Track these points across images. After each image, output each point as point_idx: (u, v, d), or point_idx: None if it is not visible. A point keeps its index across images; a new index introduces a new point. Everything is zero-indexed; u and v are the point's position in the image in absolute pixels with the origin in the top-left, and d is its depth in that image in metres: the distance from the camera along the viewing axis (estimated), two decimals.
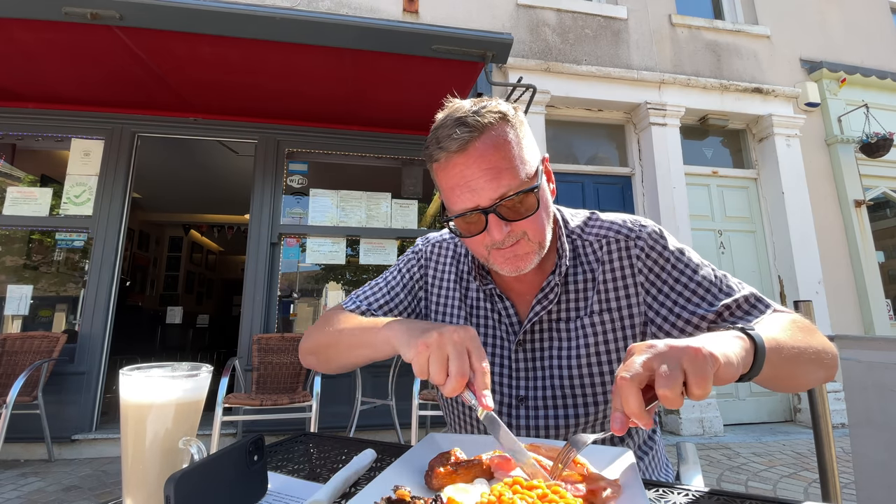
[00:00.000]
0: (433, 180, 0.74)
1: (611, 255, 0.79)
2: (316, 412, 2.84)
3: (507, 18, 4.53)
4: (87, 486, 2.61)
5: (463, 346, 0.57)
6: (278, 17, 2.71)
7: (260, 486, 0.51)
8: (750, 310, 0.71)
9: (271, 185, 3.91)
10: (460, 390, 0.55)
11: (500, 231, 0.67)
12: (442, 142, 0.68)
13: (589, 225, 0.84)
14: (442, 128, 0.69)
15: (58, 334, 3.23)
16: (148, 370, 0.49)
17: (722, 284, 0.74)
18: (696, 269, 0.75)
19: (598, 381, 0.76)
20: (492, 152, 0.66)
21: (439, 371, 0.56)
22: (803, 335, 0.63)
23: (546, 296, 0.78)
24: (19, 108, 3.65)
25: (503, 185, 0.66)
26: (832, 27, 5.49)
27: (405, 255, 0.97)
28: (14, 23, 2.63)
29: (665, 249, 0.77)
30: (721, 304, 0.71)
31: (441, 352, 0.56)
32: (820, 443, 1.45)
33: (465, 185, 0.67)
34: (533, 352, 0.80)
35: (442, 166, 0.69)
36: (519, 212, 0.68)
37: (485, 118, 0.67)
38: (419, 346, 0.58)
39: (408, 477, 0.52)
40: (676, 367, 0.44)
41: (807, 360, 0.61)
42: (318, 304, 4.06)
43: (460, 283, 0.89)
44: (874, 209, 5.09)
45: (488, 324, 0.84)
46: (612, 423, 0.46)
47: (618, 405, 0.45)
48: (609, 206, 4.57)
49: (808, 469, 2.93)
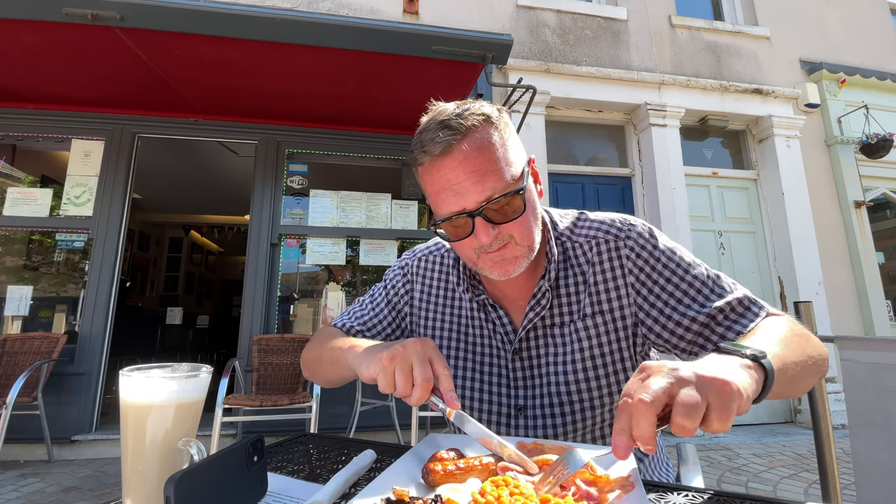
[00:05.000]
0: (419, 185, 0.73)
1: (601, 255, 0.78)
2: (316, 413, 2.84)
3: (507, 19, 4.54)
4: (87, 487, 2.60)
5: (425, 356, 0.59)
6: (279, 17, 2.72)
7: (260, 486, 0.51)
8: (744, 312, 0.69)
9: (271, 185, 3.91)
10: (427, 397, 0.58)
11: (487, 234, 0.66)
12: (426, 145, 0.67)
13: (578, 226, 0.82)
14: (425, 131, 0.68)
15: (58, 335, 3.23)
16: (148, 371, 0.49)
17: (714, 285, 0.72)
18: (688, 268, 0.74)
19: (595, 386, 0.75)
20: (476, 155, 0.66)
21: (405, 381, 0.58)
22: (801, 345, 0.61)
23: (538, 301, 0.77)
24: (20, 109, 3.65)
25: (488, 188, 0.65)
26: (832, 28, 5.50)
27: (392, 269, 0.96)
28: (15, 23, 2.63)
29: (655, 249, 0.75)
30: (714, 307, 0.69)
31: (405, 362, 0.58)
32: (820, 444, 1.44)
33: (451, 189, 0.66)
34: (530, 359, 0.79)
35: (427, 170, 0.69)
36: (506, 214, 0.67)
37: (468, 121, 0.66)
38: (383, 361, 0.60)
39: (407, 477, 0.52)
40: (701, 398, 0.41)
41: (807, 373, 0.60)
42: (318, 305, 4.06)
43: (450, 296, 0.87)
44: (874, 210, 5.09)
45: (483, 334, 0.82)
46: (616, 447, 0.42)
47: (624, 426, 0.42)
48: (609, 207, 4.57)
49: (808, 470, 2.93)
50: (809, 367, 0.61)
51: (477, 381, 0.81)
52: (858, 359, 1.33)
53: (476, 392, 0.81)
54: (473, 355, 0.83)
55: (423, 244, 0.96)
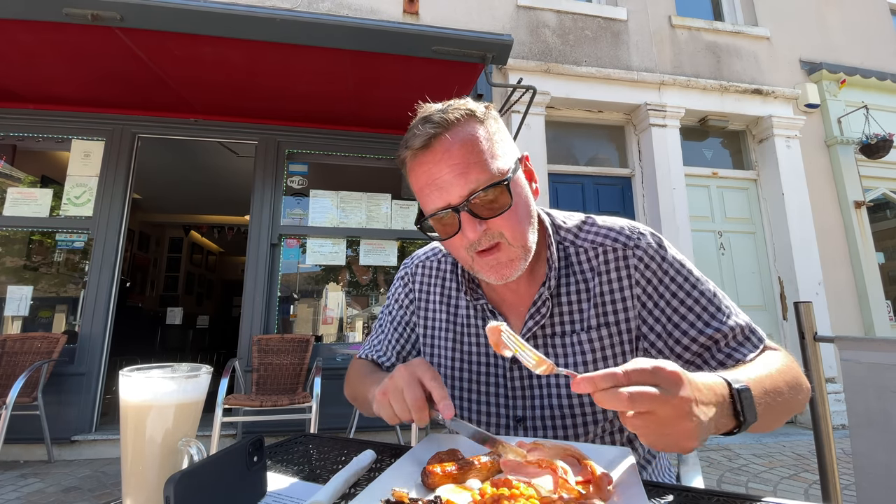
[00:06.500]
0: (409, 186, 0.72)
1: (607, 264, 0.75)
2: (316, 413, 2.84)
3: (508, 20, 4.54)
4: (87, 487, 2.60)
5: (412, 378, 0.61)
6: (279, 18, 2.72)
7: (259, 487, 0.51)
8: (743, 342, 0.69)
9: (271, 185, 3.91)
10: (426, 415, 0.60)
11: (474, 230, 0.64)
12: (408, 141, 0.67)
13: (583, 230, 0.79)
14: (410, 129, 0.68)
15: (58, 335, 3.23)
16: (148, 371, 0.49)
17: (720, 304, 0.71)
18: (695, 284, 0.72)
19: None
20: (458, 147, 0.64)
21: (402, 409, 0.61)
22: (789, 392, 0.61)
23: (538, 309, 0.75)
24: (20, 109, 3.65)
25: (472, 181, 0.63)
26: (832, 28, 5.50)
27: (395, 282, 0.94)
28: (15, 24, 2.64)
29: (664, 261, 0.73)
30: (717, 330, 0.68)
31: (396, 392, 0.61)
32: (820, 444, 1.45)
33: (433, 184, 0.65)
34: (528, 369, 0.78)
35: (410, 166, 0.68)
36: (492, 208, 0.65)
37: (451, 115, 0.66)
38: (378, 397, 0.63)
39: (407, 478, 0.52)
40: (658, 439, 0.45)
41: (782, 415, 0.61)
42: (318, 305, 4.06)
43: (447, 301, 0.85)
44: (874, 210, 5.09)
45: (481, 342, 0.80)
46: (579, 382, 0.44)
47: (601, 383, 0.44)
48: (609, 207, 4.57)
49: (808, 470, 2.93)
50: (787, 411, 0.61)
51: (475, 392, 0.79)
52: (858, 359, 1.33)
53: (474, 403, 0.79)
54: (471, 364, 0.80)
55: (422, 249, 0.94)
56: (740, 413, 0.50)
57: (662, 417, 0.43)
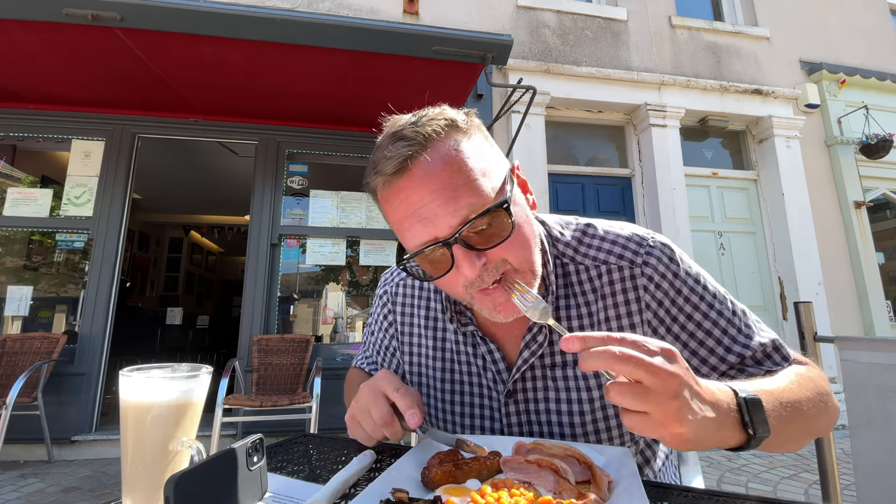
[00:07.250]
0: (382, 216, 0.61)
1: (612, 286, 0.65)
2: (316, 413, 2.84)
3: (508, 20, 4.54)
4: (87, 487, 2.60)
5: (376, 392, 0.59)
6: (278, 18, 2.72)
7: (259, 487, 0.51)
8: (763, 360, 0.63)
9: (271, 186, 3.91)
10: (396, 426, 0.58)
11: (471, 265, 0.54)
12: (378, 164, 0.55)
13: (584, 243, 0.69)
14: (378, 149, 0.57)
15: (58, 335, 3.23)
16: (148, 371, 0.49)
17: (741, 324, 0.63)
18: (713, 302, 0.64)
19: (605, 438, 0.65)
20: (440, 168, 0.53)
21: (372, 427, 0.59)
22: (811, 407, 0.54)
23: (534, 338, 0.66)
24: (20, 109, 3.65)
25: (462, 207, 0.52)
26: (832, 29, 5.50)
27: (375, 300, 0.86)
28: (15, 24, 2.64)
29: (676, 278, 0.64)
30: (738, 357, 0.62)
31: (363, 412, 0.59)
32: (820, 444, 1.45)
33: (415, 215, 0.54)
34: (525, 402, 0.67)
35: (383, 196, 0.57)
36: (490, 237, 0.54)
37: (427, 128, 0.54)
38: (348, 423, 0.61)
39: (407, 478, 0.52)
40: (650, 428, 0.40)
41: (804, 433, 0.55)
42: (318, 305, 4.06)
43: (433, 326, 0.76)
44: (874, 210, 5.09)
45: (472, 371, 0.71)
46: (569, 340, 0.42)
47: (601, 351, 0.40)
48: (609, 208, 4.57)
49: (808, 470, 2.92)
50: (811, 432, 0.56)
51: (468, 427, 0.71)
52: (858, 359, 1.33)
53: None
54: (462, 396, 0.72)
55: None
56: (748, 425, 0.45)
57: (649, 389, 0.39)
